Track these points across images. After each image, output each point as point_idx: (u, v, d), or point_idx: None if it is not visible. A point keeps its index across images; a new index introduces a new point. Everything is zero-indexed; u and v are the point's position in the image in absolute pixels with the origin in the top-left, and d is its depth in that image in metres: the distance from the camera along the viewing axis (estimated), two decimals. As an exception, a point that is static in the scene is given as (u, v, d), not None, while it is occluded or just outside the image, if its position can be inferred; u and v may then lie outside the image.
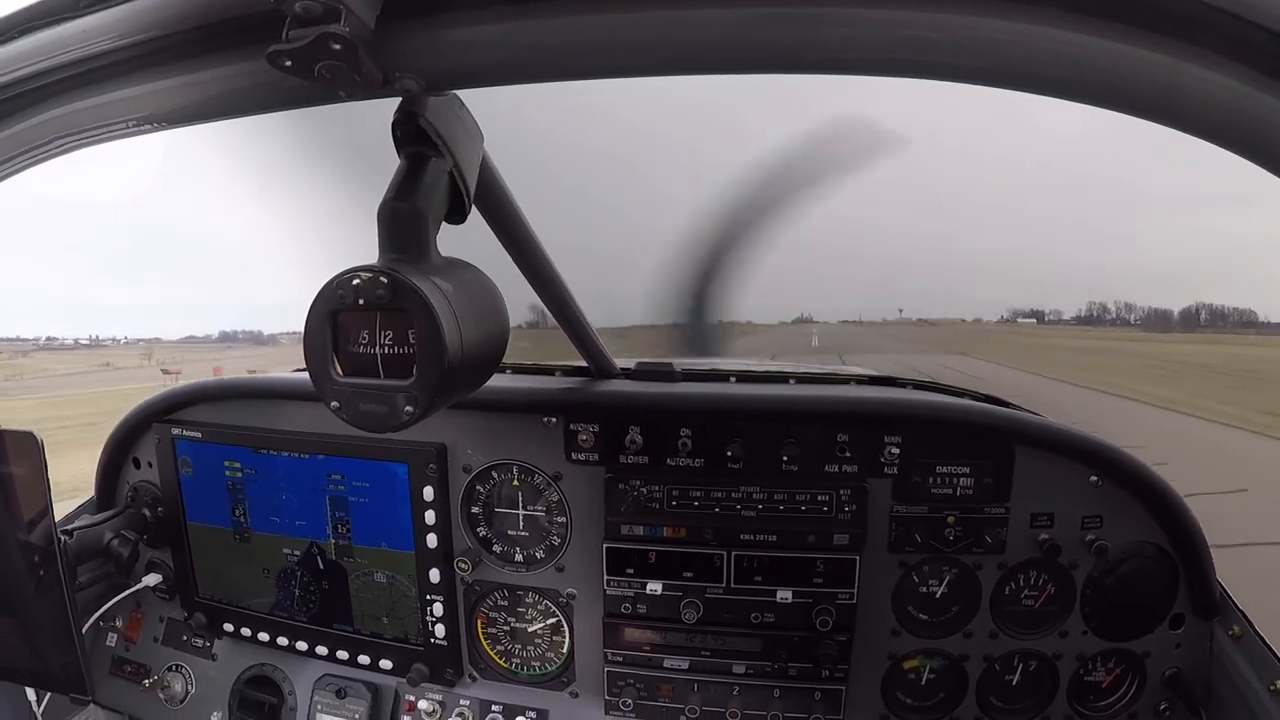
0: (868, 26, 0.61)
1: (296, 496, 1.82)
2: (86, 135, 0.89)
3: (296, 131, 1.57)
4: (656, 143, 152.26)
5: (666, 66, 0.70)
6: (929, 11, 0.59)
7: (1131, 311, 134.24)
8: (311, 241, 45.84)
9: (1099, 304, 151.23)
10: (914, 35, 0.61)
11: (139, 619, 2.09)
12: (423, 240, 0.80)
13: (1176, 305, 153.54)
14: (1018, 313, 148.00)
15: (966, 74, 0.64)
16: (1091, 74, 0.61)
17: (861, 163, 13.88)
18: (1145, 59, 0.58)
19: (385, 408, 0.76)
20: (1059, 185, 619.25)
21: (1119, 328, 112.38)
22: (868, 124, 31.18)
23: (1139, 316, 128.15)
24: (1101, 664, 1.65)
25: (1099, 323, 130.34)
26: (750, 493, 1.62)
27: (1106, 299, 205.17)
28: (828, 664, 1.63)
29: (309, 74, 0.65)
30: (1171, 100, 0.61)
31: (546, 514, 1.75)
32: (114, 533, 1.87)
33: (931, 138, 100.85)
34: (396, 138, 0.82)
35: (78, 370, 65.95)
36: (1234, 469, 12.62)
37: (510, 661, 1.86)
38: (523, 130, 41.43)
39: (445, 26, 0.67)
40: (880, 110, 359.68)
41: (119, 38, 0.74)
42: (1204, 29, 0.55)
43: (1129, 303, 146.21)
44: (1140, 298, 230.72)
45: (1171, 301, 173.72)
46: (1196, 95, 0.59)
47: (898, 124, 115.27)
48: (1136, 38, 0.57)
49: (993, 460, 1.58)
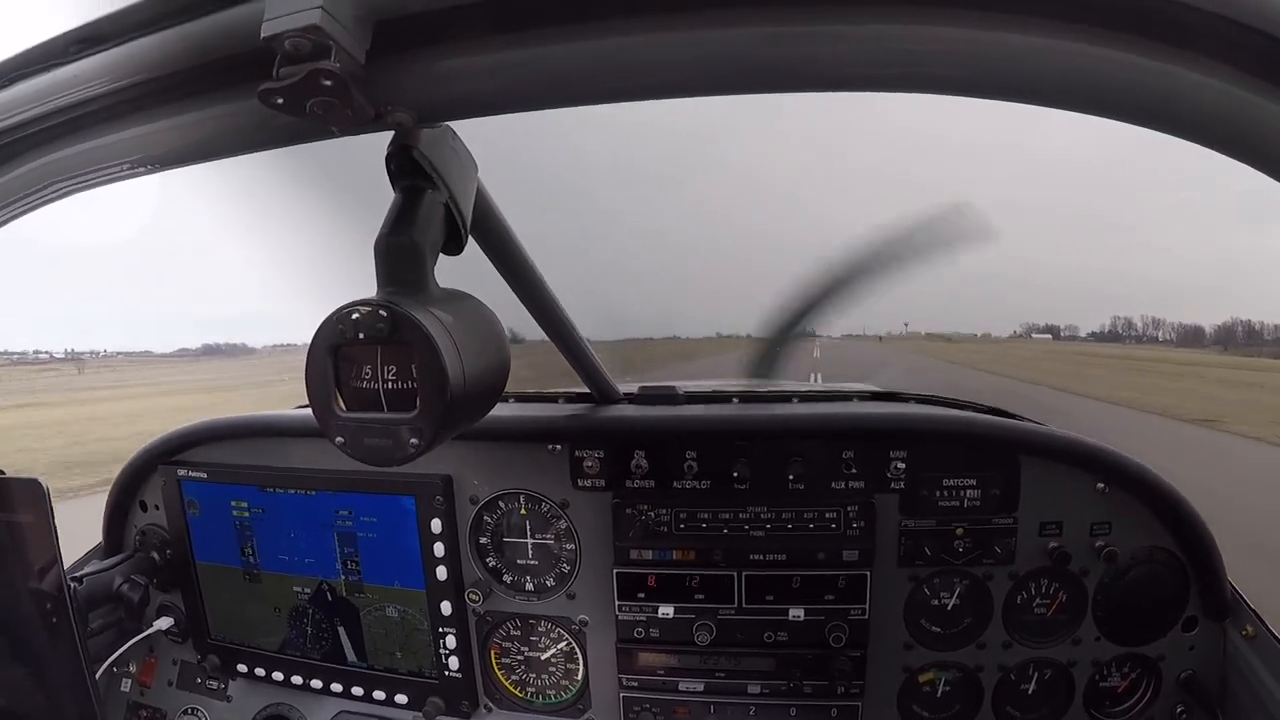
0: (862, 43, 0.61)
1: (305, 534, 1.82)
2: (81, 179, 0.89)
3: (291, 169, 1.58)
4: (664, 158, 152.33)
5: (662, 90, 0.70)
6: (925, 25, 0.59)
7: (1160, 327, 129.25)
8: (309, 274, 44.10)
9: (1123, 319, 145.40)
10: (910, 50, 0.61)
11: (152, 663, 2.09)
12: (421, 272, 0.80)
13: (1206, 320, 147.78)
14: (1032, 328, 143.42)
15: (962, 86, 0.64)
16: (1087, 82, 0.61)
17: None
18: (1139, 65, 0.58)
19: (390, 441, 0.75)
20: (1069, 196, 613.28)
21: (1149, 345, 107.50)
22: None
23: (1170, 332, 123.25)
24: (1116, 669, 1.65)
25: (1121, 339, 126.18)
26: (758, 512, 1.63)
27: (1129, 313, 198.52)
28: (843, 680, 1.63)
29: (300, 111, 0.64)
30: (1167, 106, 0.61)
31: (555, 542, 1.75)
32: (124, 577, 1.86)
33: (935, 147, 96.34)
34: (391, 171, 0.81)
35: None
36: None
37: (525, 691, 1.85)
38: (517, 153, 41.26)
39: (436, 59, 0.67)
40: (879, 117, 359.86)
41: (111, 81, 0.74)
42: (1197, 33, 0.56)
43: (1157, 317, 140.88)
44: (1163, 312, 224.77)
45: (1199, 317, 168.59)
46: (1191, 100, 0.59)
47: (896, 131, 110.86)
48: (1129, 44, 0.57)
49: (999, 471, 1.58)
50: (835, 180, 69.89)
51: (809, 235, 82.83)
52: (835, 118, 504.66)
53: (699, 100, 0.73)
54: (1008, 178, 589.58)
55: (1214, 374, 38.75)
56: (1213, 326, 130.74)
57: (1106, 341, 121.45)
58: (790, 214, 68.14)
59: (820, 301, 1.63)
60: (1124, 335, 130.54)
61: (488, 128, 0.90)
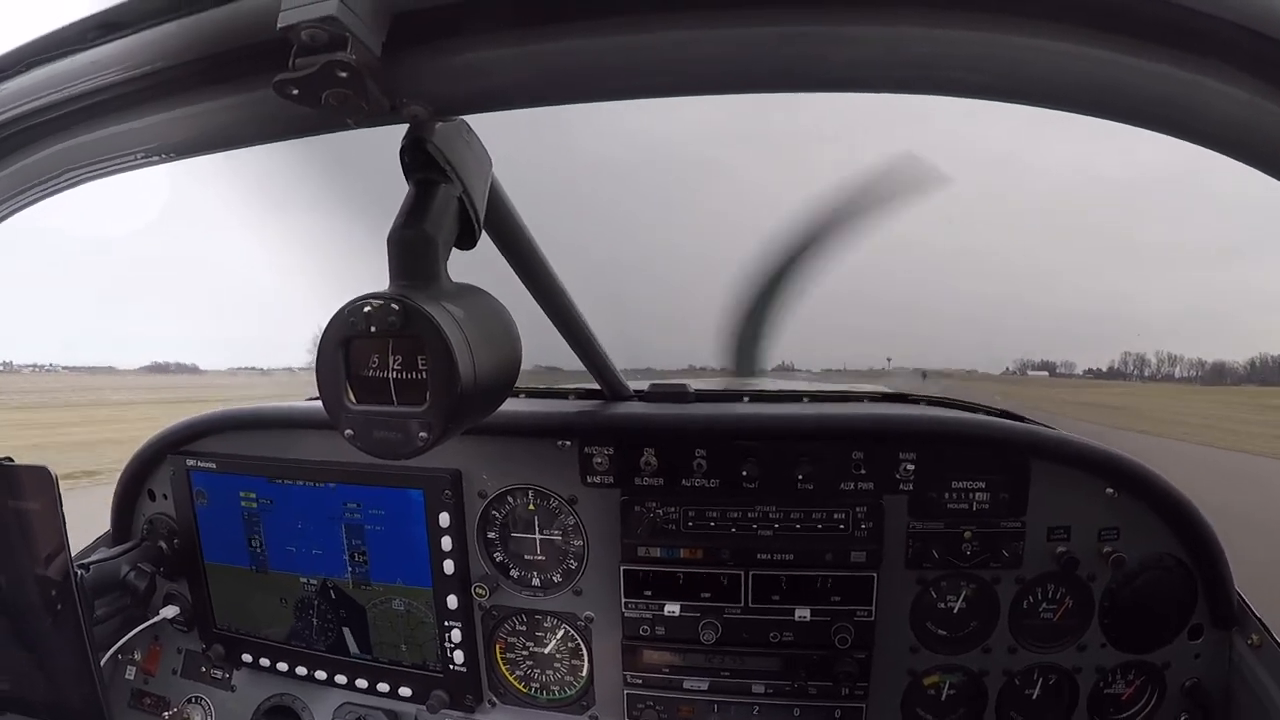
0: (877, 44, 0.61)
1: (313, 525, 1.82)
2: (95, 167, 0.89)
3: (305, 160, 1.58)
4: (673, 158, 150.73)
5: (676, 87, 0.70)
6: (941, 28, 0.59)
7: (1176, 364, 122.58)
8: (316, 270, 43.64)
9: (1135, 354, 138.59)
10: (927, 52, 0.61)
11: (157, 651, 2.09)
12: (433, 266, 0.80)
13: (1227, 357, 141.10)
14: (1027, 364, 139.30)
15: (980, 90, 0.64)
16: (1105, 88, 0.61)
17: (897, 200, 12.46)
18: (1159, 73, 0.58)
19: (399, 434, 0.75)
20: (1059, 227, 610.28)
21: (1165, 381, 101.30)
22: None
23: (1187, 369, 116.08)
24: (1121, 676, 1.65)
25: (1126, 376, 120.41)
26: (766, 512, 1.63)
27: (1135, 349, 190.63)
28: (847, 682, 1.63)
29: (316, 102, 0.64)
30: (1186, 114, 0.61)
31: (563, 537, 1.75)
32: (130, 566, 1.87)
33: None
34: (405, 164, 0.81)
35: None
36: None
37: (530, 686, 1.85)
38: (533, 150, 39.76)
39: (452, 52, 0.67)
40: (870, 150, 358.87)
41: (127, 69, 0.74)
42: (1218, 43, 0.56)
43: (1172, 353, 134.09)
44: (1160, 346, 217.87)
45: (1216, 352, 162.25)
46: (1211, 109, 0.60)
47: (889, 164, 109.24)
48: (1150, 52, 0.57)
49: (1008, 474, 1.58)
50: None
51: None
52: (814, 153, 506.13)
53: (668, 132, 0.72)
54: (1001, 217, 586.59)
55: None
56: (1243, 361, 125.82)
57: (1106, 379, 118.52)
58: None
59: (785, 272, 1.63)
60: (1130, 373, 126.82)
61: (506, 123, 0.89)
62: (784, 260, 1.78)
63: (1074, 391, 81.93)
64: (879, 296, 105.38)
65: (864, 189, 1.67)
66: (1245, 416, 33.87)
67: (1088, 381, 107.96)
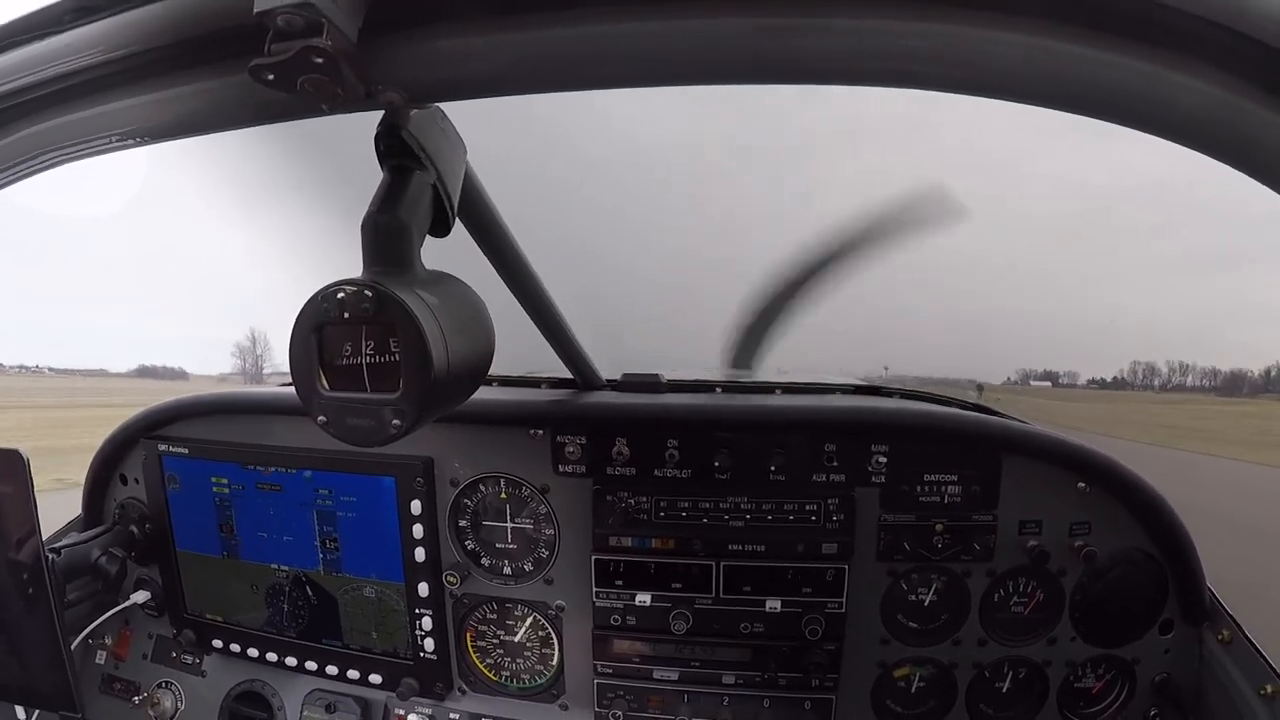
0: (860, 36, 0.61)
1: (284, 512, 1.81)
2: (70, 150, 0.89)
3: (278, 145, 1.57)
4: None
5: (653, 77, 0.70)
6: (925, 22, 0.59)
7: (1188, 373, 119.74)
8: (289, 256, 43.07)
9: (1145, 364, 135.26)
10: (911, 45, 0.61)
11: (128, 636, 2.09)
12: (407, 253, 0.80)
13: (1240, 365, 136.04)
14: (1029, 374, 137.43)
15: (962, 85, 0.64)
16: (1081, 83, 0.61)
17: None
18: (1135, 69, 0.58)
19: (372, 421, 0.75)
20: (1056, 233, 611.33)
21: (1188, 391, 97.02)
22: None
23: (1201, 378, 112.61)
24: (1091, 670, 1.65)
25: (1130, 386, 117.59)
26: (738, 503, 1.62)
27: (1141, 357, 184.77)
28: (817, 673, 1.63)
29: (291, 88, 0.64)
30: (1162, 110, 0.61)
31: (534, 526, 1.74)
32: (102, 550, 1.86)
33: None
34: (379, 151, 0.81)
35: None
36: None
37: (500, 674, 1.85)
38: (511, 141, 40.52)
39: (428, 39, 0.67)
40: (867, 164, 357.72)
41: (103, 52, 0.74)
42: (1193, 40, 0.56)
43: (1184, 362, 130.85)
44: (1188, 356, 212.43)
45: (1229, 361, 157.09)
46: (1185, 105, 0.60)
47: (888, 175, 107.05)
48: (1125, 48, 0.58)
49: (980, 468, 1.58)
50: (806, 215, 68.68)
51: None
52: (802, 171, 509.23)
53: (665, 133, 0.72)
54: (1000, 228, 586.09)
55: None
56: (1260, 370, 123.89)
57: (1110, 389, 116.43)
58: (760, 245, 67.72)
59: (800, 286, 1.62)
60: (1137, 383, 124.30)
61: (486, 113, 0.89)
62: (800, 274, 1.78)
63: (1135, 406, 76.68)
64: (876, 303, 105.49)
65: (885, 217, 1.68)
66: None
67: (1101, 393, 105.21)
